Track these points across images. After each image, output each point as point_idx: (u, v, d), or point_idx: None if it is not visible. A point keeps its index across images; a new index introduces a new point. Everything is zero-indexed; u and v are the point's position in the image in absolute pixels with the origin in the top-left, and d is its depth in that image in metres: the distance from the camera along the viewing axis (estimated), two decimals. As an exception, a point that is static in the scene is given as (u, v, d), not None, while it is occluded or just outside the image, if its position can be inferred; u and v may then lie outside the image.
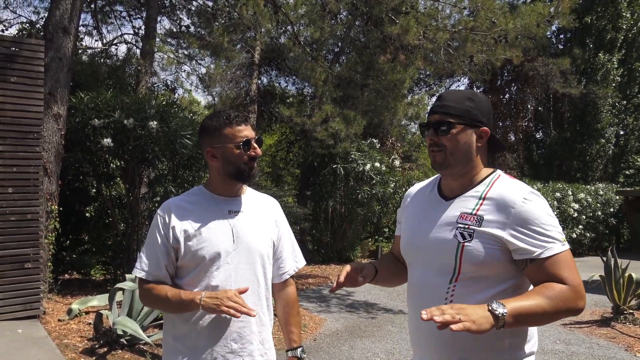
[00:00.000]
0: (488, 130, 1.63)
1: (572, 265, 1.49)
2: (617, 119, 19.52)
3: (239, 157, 1.84)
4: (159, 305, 1.89)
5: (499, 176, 1.65)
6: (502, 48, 8.04)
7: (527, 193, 1.54)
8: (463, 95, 1.64)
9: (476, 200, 1.59)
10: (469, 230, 1.54)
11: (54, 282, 6.88)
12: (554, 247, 1.48)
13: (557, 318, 1.49)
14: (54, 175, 6.44)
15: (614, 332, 6.48)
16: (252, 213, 1.94)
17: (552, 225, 1.51)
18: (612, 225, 16.92)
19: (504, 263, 1.52)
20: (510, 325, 1.37)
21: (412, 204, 1.82)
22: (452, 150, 1.60)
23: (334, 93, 10.81)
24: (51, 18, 6.65)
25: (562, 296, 1.44)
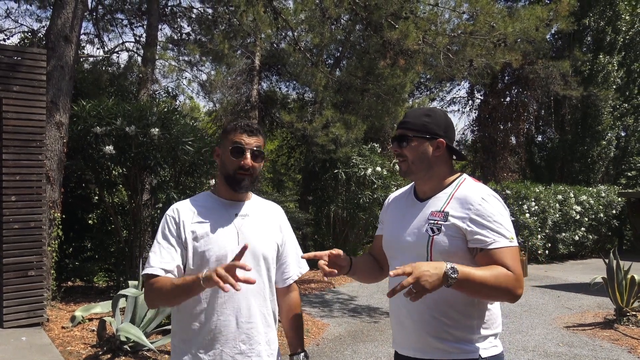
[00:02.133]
0: (443, 141, 1.88)
1: (517, 259, 1.75)
2: (618, 120, 19.51)
3: (230, 163, 1.89)
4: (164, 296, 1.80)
5: (464, 180, 1.92)
6: (501, 52, 8.06)
7: (486, 194, 1.81)
8: (422, 112, 1.93)
9: (444, 200, 1.86)
10: (437, 225, 1.81)
11: (57, 289, 6.91)
12: (501, 241, 1.73)
13: (496, 296, 1.74)
14: (56, 183, 6.48)
15: (617, 334, 6.47)
16: (257, 217, 1.98)
17: (502, 223, 1.76)
18: (614, 227, 16.88)
19: (465, 252, 1.78)
20: (456, 287, 1.62)
21: (393, 207, 2.10)
22: (412, 159, 1.89)
23: (335, 98, 10.86)
24: (53, 27, 6.71)
25: (504, 278, 1.68)
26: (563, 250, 15.00)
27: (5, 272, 5.45)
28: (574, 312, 7.77)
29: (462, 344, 1.79)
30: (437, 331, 1.79)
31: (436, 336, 1.80)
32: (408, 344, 1.89)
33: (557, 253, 14.88)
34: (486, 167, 19.35)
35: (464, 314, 1.79)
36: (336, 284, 9.93)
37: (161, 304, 1.89)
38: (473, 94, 21.65)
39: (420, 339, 1.83)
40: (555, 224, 14.67)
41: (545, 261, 14.33)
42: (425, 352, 1.83)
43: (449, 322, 1.79)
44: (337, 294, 9.03)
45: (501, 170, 19.17)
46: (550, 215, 14.45)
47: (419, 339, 1.84)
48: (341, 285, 9.82)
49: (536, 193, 14.31)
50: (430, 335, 1.81)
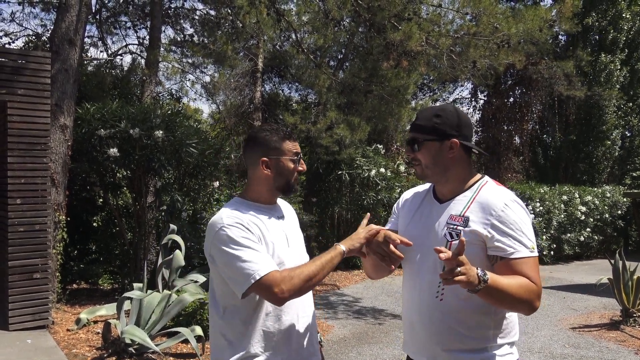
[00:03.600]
0: (457, 141, 1.81)
1: (536, 270, 1.71)
2: (622, 120, 19.44)
3: (292, 171, 1.95)
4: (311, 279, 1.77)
5: (486, 182, 1.86)
6: (504, 53, 8.04)
7: (509, 200, 1.75)
8: (432, 113, 1.85)
9: (465, 204, 1.80)
10: (457, 230, 1.75)
11: (62, 292, 6.92)
12: (523, 250, 1.69)
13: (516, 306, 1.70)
14: (61, 185, 6.50)
15: (623, 335, 6.44)
16: (289, 218, 2.07)
17: (525, 232, 1.72)
18: (620, 227, 16.81)
19: (484, 260, 1.73)
20: (482, 293, 1.58)
21: (410, 203, 2.03)
22: (426, 163, 1.84)
23: (338, 99, 10.85)
24: (57, 30, 6.73)
25: (528, 289, 1.65)
26: (568, 251, 14.95)
27: (10, 274, 5.47)
28: (580, 313, 7.74)
29: (477, 353, 1.74)
30: (451, 341, 1.75)
31: (450, 346, 1.75)
32: (421, 351, 1.85)
33: (563, 254, 14.83)
34: (490, 168, 19.30)
35: (479, 324, 1.74)
36: (341, 286, 9.92)
37: (310, 284, 1.78)
38: (476, 95, 21.63)
39: (433, 348, 1.79)
40: (560, 225, 14.62)
41: (551, 262, 14.28)
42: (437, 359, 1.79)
43: (463, 331, 1.74)
44: (342, 295, 9.02)
45: (505, 171, 19.12)
46: (555, 216, 14.40)
47: (431, 347, 1.79)
48: (346, 286, 9.81)
49: (541, 194, 14.27)
50: (443, 345, 1.76)
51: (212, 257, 1.83)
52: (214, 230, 1.81)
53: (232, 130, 14.80)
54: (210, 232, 1.83)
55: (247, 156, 1.97)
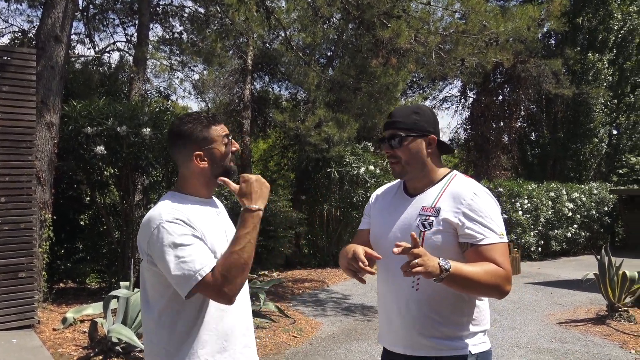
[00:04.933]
0: (435, 137, 1.89)
1: (506, 255, 1.77)
2: (609, 118, 19.63)
3: (225, 155, 1.83)
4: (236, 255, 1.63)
5: (455, 175, 1.93)
6: (493, 51, 8.08)
7: (478, 190, 1.83)
8: (410, 110, 1.92)
9: (435, 195, 1.86)
10: (429, 221, 1.81)
11: (49, 291, 6.86)
12: (491, 237, 1.75)
13: (485, 292, 1.77)
14: (47, 184, 6.44)
15: (609, 330, 6.50)
16: (223, 211, 1.97)
17: (493, 219, 1.78)
18: (606, 224, 16.98)
19: (457, 247, 1.79)
20: (447, 281, 1.64)
21: (381, 202, 2.08)
22: (406, 160, 1.88)
23: (327, 97, 10.85)
24: (43, 27, 6.66)
25: (495, 274, 1.70)
26: (555, 247, 15.07)
27: (-5, 273, 5.41)
28: (567, 309, 7.81)
29: (452, 340, 1.80)
30: (426, 328, 1.80)
31: (426, 333, 1.80)
32: (397, 341, 1.90)
33: (550, 250, 14.95)
34: (479, 166, 19.42)
35: (454, 311, 1.80)
36: (329, 283, 9.92)
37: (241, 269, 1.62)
38: (465, 93, 21.73)
39: (410, 336, 1.83)
40: (547, 222, 14.73)
41: (538, 258, 14.39)
42: (414, 349, 1.83)
43: (439, 319, 1.79)
44: (331, 292, 9.03)
45: (494, 169, 19.23)
46: (543, 213, 14.51)
47: (408, 336, 1.84)
48: (335, 284, 9.82)
49: (529, 191, 14.37)
50: (419, 333, 1.81)
51: (150, 256, 1.67)
52: (151, 227, 1.66)
53: (221, 128, 14.69)
54: (146, 229, 1.68)
55: (176, 153, 1.82)
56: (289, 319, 6.72)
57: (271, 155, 17.49)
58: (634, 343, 5.91)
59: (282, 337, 5.95)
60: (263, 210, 1.72)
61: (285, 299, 8.31)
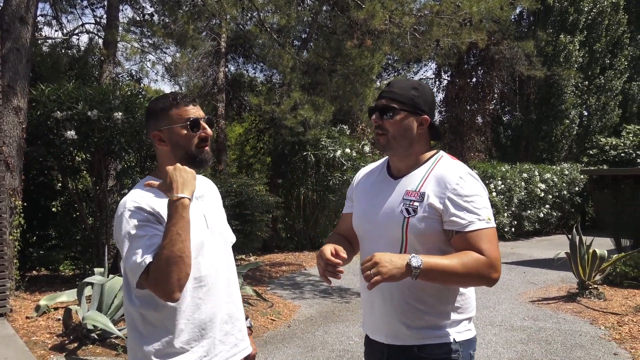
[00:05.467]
0: (428, 118, 1.79)
1: (493, 241, 1.68)
2: (580, 99, 19.96)
3: (187, 138, 1.72)
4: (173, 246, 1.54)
5: (441, 157, 1.83)
6: (467, 32, 8.10)
7: (464, 173, 1.73)
8: (409, 84, 1.81)
9: (420, 179, 1.77)
10: (413, 206, 1.72)
11: (21, 279, 6.74)
12: (477, 223, 1.67)
13: (468, 282, 1.72)
14: (16, 170, 6.28)
15: (579, 307, 6.68)
16: (210, 196, 1.89)
17: (479, 204, 1.70)
18: (577, 203, 17.37)
19: (442, 234, 1.72)
20: (423, 278, 1.60)
21: (363, 184, 1.98)
22: (394, 134, 1.77)
23: (303, 80, 10.77)
24: (7, 7, 6.43)
25: (476, 264, 1.63)
26: (528, 228, 15.38)
27: (-36, 262, 5.28)
28: (539, 287, 7.99)
29: (436, 329, 1.75)
30: (409, 317, 1.75)
31: (408, 323, 1.75)
32: (379, 330, 1.84)
33: (523, 230, 15.25)
34: (453, 147, 19.57)
35: (438, 299, 1.75)
36: (307, 266, 9.96)
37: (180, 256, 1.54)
38: (440, 75, 21.81)
39: (392, 325, 1.78)
40: (520, 202, 15.00)
41: (512, 238, 14.68)
42: (397, 337, 1.78)
43: (423, 308, 1.74)
44: (308, 275, 9.07)
45: (468, 150, 19.43)
46: (516, 194, 14.76)
47: (390, 325, 1.79)
48: (312, 267, 9.86)
49: (502, 172, 14.59)
50: (401, 322, 1.76)
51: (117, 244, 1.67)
52: (116, 215, 1.66)
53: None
54: (115, 217, 1.68)
55: (147, 132, 1.79)
56: (266, 302, 6.74)
57: (247, 139, 17.33)
58: (603, 319, 6.09)
59: (260, 320, 5.97)
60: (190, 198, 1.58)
61: (262, 282, 8.31)
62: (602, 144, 18.70)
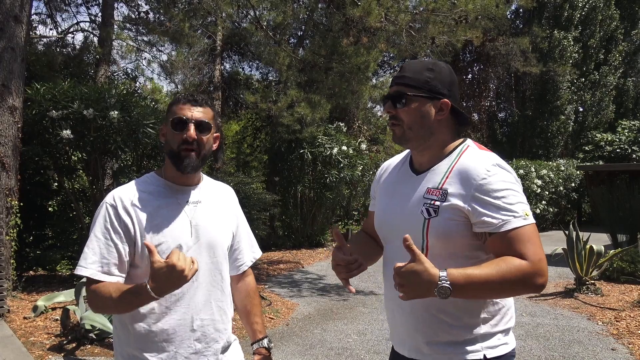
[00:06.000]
0: (448, 102, 1.56)
1: (534, 240, 1.43)
2: (575, 95, 20.03)
3: (172, 137, 1.65)
4: (106, 307, 1.63)
5: (467, 147, 1.59)
6: (462, 29, 8.10)
7: (491, 165, 1.49)
8: (423, 66, 1.59)
9: (443, 174, 1.55)
10: (434, 206, 1.50)
11: (18, 279, 6.71)
12: (513, 220, 1.43)
13: (510, 294, 1.49)
14: (12, 169, 6.25)
15: (577, 303, 6.70)
16: (210, 204, 1.77)
17: (513, 198, 1.45)
18: (573, 199, 17.45)
19: (469, 238, 1.49)
20: (457, 296, 1.38)
21: (386, 179, 1.78)
22: (409, 124, 1.55)
23: (299, 77, 10.74)
24: (1, 6, 6.39)
25: (516, 271, 1.38)
26: (525, 224, 15.40)
27: (-40, 263, 5.25)
28: (536, 283, 8.01)
29: (463, 345, 1.52)
30: (433, 331, 1.54)
31: (431, 338, 1.55)
32: (402, 342, 1.65)
33: (520, 226, 15.27)
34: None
35: (466, 311, 1.52)
36: (305, 264, 9.96)
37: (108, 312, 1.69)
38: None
39: (414, 339, 1.59)
40: (517, 198, 15.03)
41: (508, 235, 14.69)
42: (419, 352, 1.58)
43: (448, 321, 1.52)
44: (306, 273, 9.07)
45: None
46: (513, 190, 14.78)
47: (412, 338, 1.59)
48: (310, 265, 9.86)
49: (498, 168, 14.60)
50: (423, 338, 1.56)
51: None
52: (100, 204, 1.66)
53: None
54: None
55: None
56: (265, 300, 6.74)
57: (244, 137, 17.33)
58: (600, 315, 6.11)
59: (259, 318, 5.95)
60: (153, 294, 1.46)
61: (260, 280, 8.31)
62: (597, 139, 18.78)
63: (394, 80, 1.60)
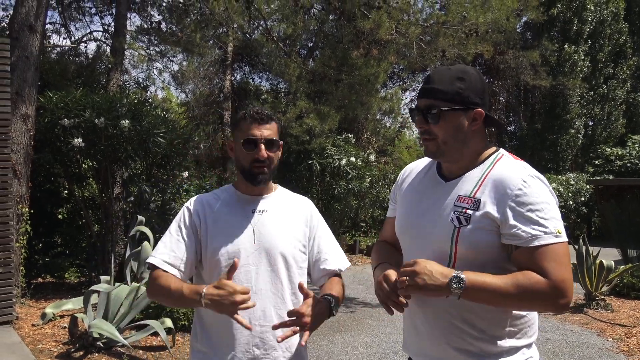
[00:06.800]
0: (482, 111, 1.50)
1: (562, 260, 1.39)
2: (585, 109, 19.97)
3: (244, 156, 1.77)
4: (163, 297, 1.75)
5: (501, 156, 1.54)
6: (473, 42, 8.13)
7: (528, 176, 1.44)
8: (452, 75, 1.50)
9: (475, 182, 1.50)
10: (466, 215, 1.45)
11: (27, 286, 6.75)
12: (543, 237, 1.38)
13: (526, 307, 1.46)
14: (23, 177, 6.30)
15: (586, 318, 6.63)
16: (277, 213, 1.84)
17: (548, 213, 1.40)
18: (583, 214, 17.32)
19: (499, 249, 1.46)
20: (467, 298, 1.38)
21: (409, 183, 1.72)
22: (444, 138, 1.49)
23: (308, 88, 10.80)
24: (17, 16, 6.49)
25: (534, 286, 1.36)
26: (534, 238, 15.30)
27: (-29, 269, 5.29)
28: (545, 298, 7.93)
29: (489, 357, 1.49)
30: (458, 341, 1.50)
31: (457, 347, 1.51)
32: (423, 352, 1.61)
33: (528, 240, 15.17)
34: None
35: (491, 322, 1.48)
36: (312, 275, 9.93)
37: (161, 302, 1.86)
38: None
39: (438, 347, 1.55)
40: (526, 212, 14.94)
41: (517, 248, 14.60)
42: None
43: (472, 332, 1.49)
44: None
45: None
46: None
47: (436, 347, 1.55)
48: (317, 276, 9.83)
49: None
50: (450, 346, 1.52)
51: None
52: None
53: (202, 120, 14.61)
54: None
55: None
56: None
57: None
58: (610, 331, 6.04)
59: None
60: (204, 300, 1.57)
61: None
62: (607, 154, 18.67)
63: (423, 92, 1.53)
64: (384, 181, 13.49)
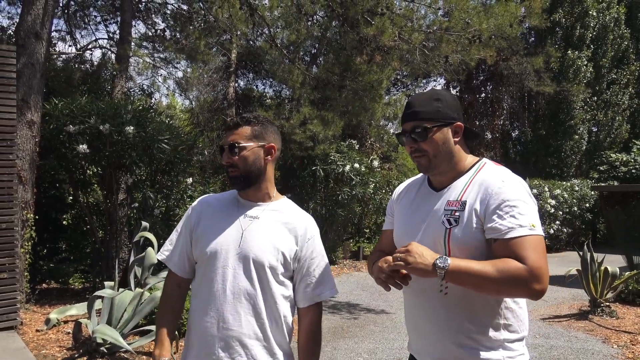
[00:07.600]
0: (461, 124, 1.71)
1: (538, 249, 1.52)
2: (589, 115, 19.93)
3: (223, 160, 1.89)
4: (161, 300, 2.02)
5: (484, 164, 1.75)
6: (476, 48, 8.14)
7: (507, 177, 1.64)
8: (429, 97, 1.72)
9: (462, 188, 1.69)
10: (455, 216, 1.63)
11: (32, 292, 6.76)
12: (518, 229, 1.53)
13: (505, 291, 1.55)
14: (28, 183, 6.33)
15: (591, 325, 6.60)
16: (269, 222, 1.85)
17: (523, 209, 1.56)
18: (588, 220, 17.22)
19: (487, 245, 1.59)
20: (451, 280, 1.53)
21: (404, 198, 1.91)
22: (434, 152, 1.69)
23: (312, 95, 10.84)
24: (22, 23, 6.54)
25: (513, 271, 1.48)
26: (538, 244, 15.22)
27: (-24, 275, 5.31)
28: (550, 304, 7.91)
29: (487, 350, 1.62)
30: (458, 337, 1.63)
31: (458, 342, 1.64)
32: (426, 350, 1.74)
33: (533, 246, 15.09)
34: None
35: (489, 318, 1.63)
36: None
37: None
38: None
39: (440, 344, 1.68)
40: (530, 218, 14.87)
41: (521, 254, 14.52)
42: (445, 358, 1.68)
43: (472, 328, 1.63)
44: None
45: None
46: (526, 209, 14.64)
47: (438, 344, 1.68)
48: (321, 282, 9.81)
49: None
50: (451, 342, 1.65)
51: None
52: None
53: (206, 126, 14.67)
54: None
55: None
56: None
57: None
58: (615, 338, 6.01)
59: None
60: None
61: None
62: (612, 159, 18.60)
63: (407, 117, 1.72)
64: (388, 187, 13.49)
